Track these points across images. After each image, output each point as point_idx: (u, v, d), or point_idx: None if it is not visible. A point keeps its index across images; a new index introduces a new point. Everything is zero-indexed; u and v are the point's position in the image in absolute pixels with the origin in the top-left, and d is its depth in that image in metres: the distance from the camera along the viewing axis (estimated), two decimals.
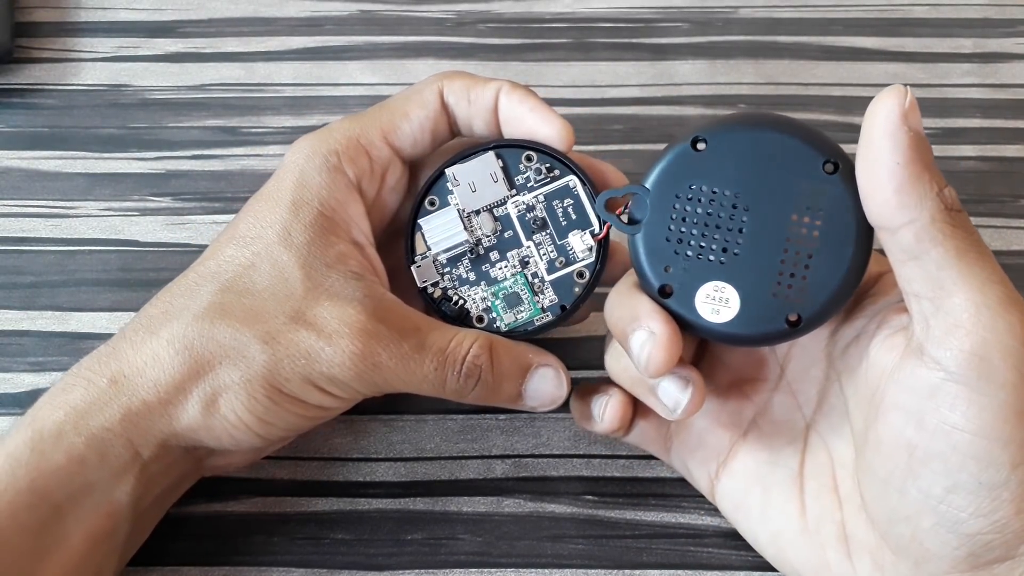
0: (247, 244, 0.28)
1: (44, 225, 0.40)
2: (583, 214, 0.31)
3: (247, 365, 0.27)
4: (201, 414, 0.27)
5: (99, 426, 0.27)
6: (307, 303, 0.27)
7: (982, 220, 0.40)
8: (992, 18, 0.46)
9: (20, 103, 0.43)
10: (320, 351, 0.27)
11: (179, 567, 0.32)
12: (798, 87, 0.44)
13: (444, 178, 0.31)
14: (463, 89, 0.31)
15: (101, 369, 0.28)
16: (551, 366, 0.30)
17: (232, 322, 0.27)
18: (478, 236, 0.31)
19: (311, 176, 0.29)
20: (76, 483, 0.27)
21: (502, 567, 0.32)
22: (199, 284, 0.28)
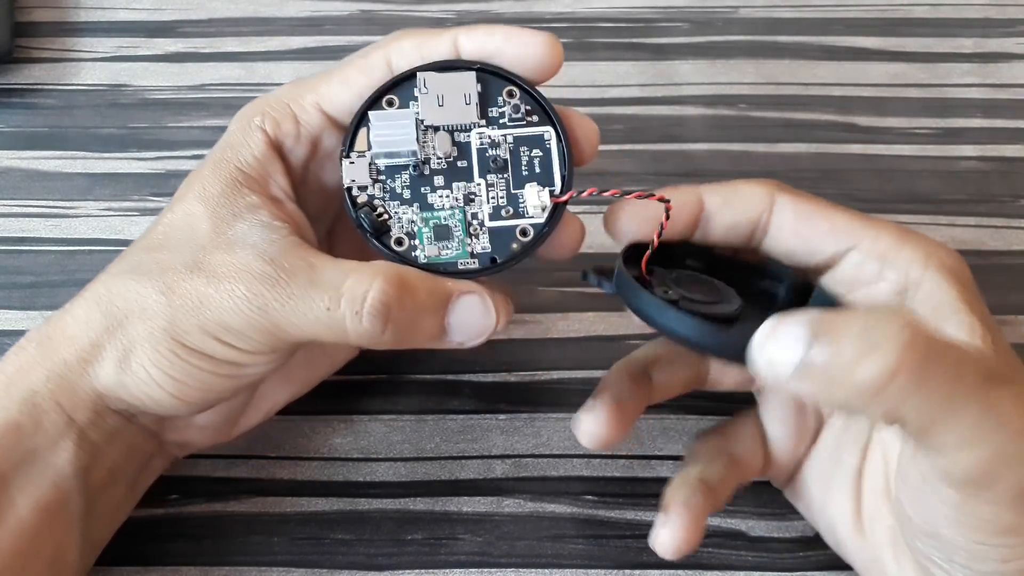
0: (172, 205, 0.29)
1: (44, 225, 0.40)
2: (548, 171, 0.28)
3: (148, 318, 0.26)
4: (115, 371, 0.27)
5: (27, 388, 0.27)
6: (206, 252, 0.27)
7: (982, 220, 0.40)
8: (992, 18, 0.46)
9: (20, 103, 0.43)
10: (209, 298, 0.26)
11: (179, 567, 0.32)
12: (798, 87, 0.44)
13: (413, 81, 0.28)
14: (414, 49, 0.28)
15: (32, 335, 0.28)
16: (475, 292, 0.27)
17: (138, 276, 0.27)
18: (428, 154, 0.28)
19: (235, 135, 0.29)
20: (17, 451, 0.26)
21: (502, 567, 0.32)
22: (129, 250, 0.29)
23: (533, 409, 0.35)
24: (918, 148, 0.42)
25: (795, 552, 0.32)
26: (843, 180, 0.41)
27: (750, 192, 0.28)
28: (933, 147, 0.42)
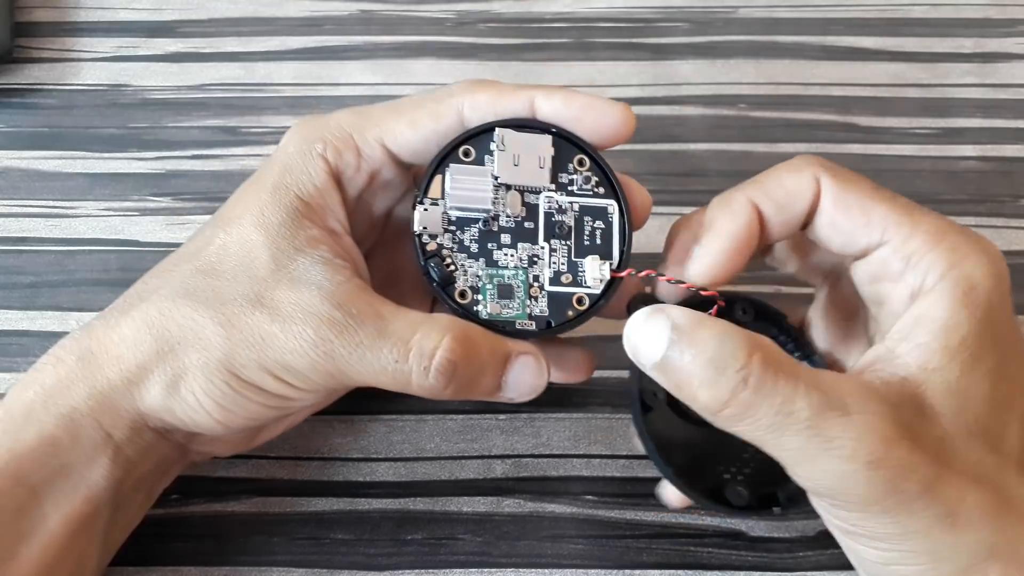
0: (223, 225, 0.28)
1: (44, 225, 0.40)
2: (608, 243, 0.29)
3: (204, 348, 0.26)
4: (163, 395, 0.27)
5: (67, 405, 0.27)
6: (268, 285, 0.26)
7: (982, 220, 0.40)
8: (992, 18, 0.46)
9: (20, 103, 0.43)
10: (273, 337, 0.26)
11: (179, 567, 0.32)
12: (798, 87, 0.44)
13: (490, 135, 0.29)
14: (488, 104, 0.28)
15: (71, 347, 0.27)
16: (531, 354, 0.27)
17: (194, 304, 0.27)
18: (498, 211, 0.29)
19: (296, 161, 0.28)
20: (51, 465, 0.26)
21: (502, 567, 0.32)
22: (175, 265, 0.28)
23: (533, 409, 0.35)
24: (918, 148, 0.42)
25: (795, 552, 0.32)
26: None
27: (797, 185, 0.27)
28: (933, 147, 0.42)
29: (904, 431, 0.23)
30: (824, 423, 0.23)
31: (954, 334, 0.24)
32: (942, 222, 0.26)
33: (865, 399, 0.23)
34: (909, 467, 0.23)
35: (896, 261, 0.25)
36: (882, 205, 0.26)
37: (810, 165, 0.27)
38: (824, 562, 0.32)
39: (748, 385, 0.23)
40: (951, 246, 0.25)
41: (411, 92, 0.43)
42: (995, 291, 0.25)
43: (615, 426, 0.35)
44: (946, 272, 0.25)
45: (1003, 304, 0.25)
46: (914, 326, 0.25)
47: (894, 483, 0.23)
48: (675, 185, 0.41)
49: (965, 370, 0.24)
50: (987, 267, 0.25)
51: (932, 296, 0.25)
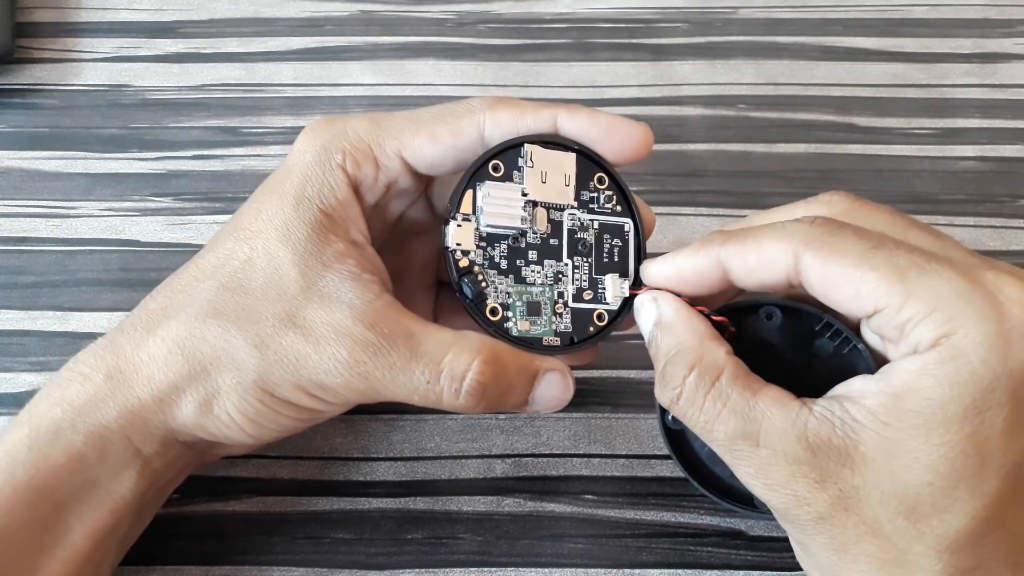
0: (247, 239, 0.28)
1: (45, 225, 0.40)
2: (624, 260, 0.30)
3: (237, 368, 0.27)
4: (196, 414, 0.27)
5: (96, 423, 0.27)
6: (299, 304, 0.27)
7: (982, 220, 0.40)
8: (992, 18, 0.46)
9: (21, 103, 0.43)
10: (307, 357, 0.26)
11: (179, 567, 0.32)
12: (798, 87, 0.44)
13: (520, 151, 0.29)
14: (510, 122, 0.28)
15: (98, 364, 0.27)
16: (558, 370, 0.28)
17: (225, 323, 0.27)
18: (527, 228, 0.29)
19: (315, 172, 0.28)
20: (77, 480, 0.27)
21: (502, 566, 0.32)
22: (198, 280, 0.28)
23: None
24: (917, 148, 0.42)
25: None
26: (842, 180, 0.41)
27: (771, 254, 0.26)
28: (932, 147, 0.42)
29: (809, 472, 0.24)
30: (735, 447, 0.25)
31: (911, 397, 0.23)
32: (944, 284, 0.23)
33: (779, 436, 0.24)
34: (803, 499, 0.24)
35: (891, 330, 0.24)
36: (871, 274, 0.24)
37: (792, 238, 0.25)
38: None
39: (681, 400, 0.26)
40: (948, 314, 0.23)
41: (411, 93, 0.44)
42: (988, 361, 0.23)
43: (615, 426, 0.35)
44: (935, 341, 0.23)
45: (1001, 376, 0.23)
46: (886, 377, 0.24)
47: (787, 507, 0.25)
48: (674, 185, 0.41)
49: (911, 436, 0.23)
50: (985, 334, 0.23)
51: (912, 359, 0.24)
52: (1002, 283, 0.23)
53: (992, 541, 0.23)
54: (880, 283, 0.24)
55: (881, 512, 0.23)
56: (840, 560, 0.24)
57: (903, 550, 0.23)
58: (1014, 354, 0.23)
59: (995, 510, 0.23)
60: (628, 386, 0.36)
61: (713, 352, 0.26)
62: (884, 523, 0.23)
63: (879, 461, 0.23)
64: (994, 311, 0.23)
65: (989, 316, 0.23)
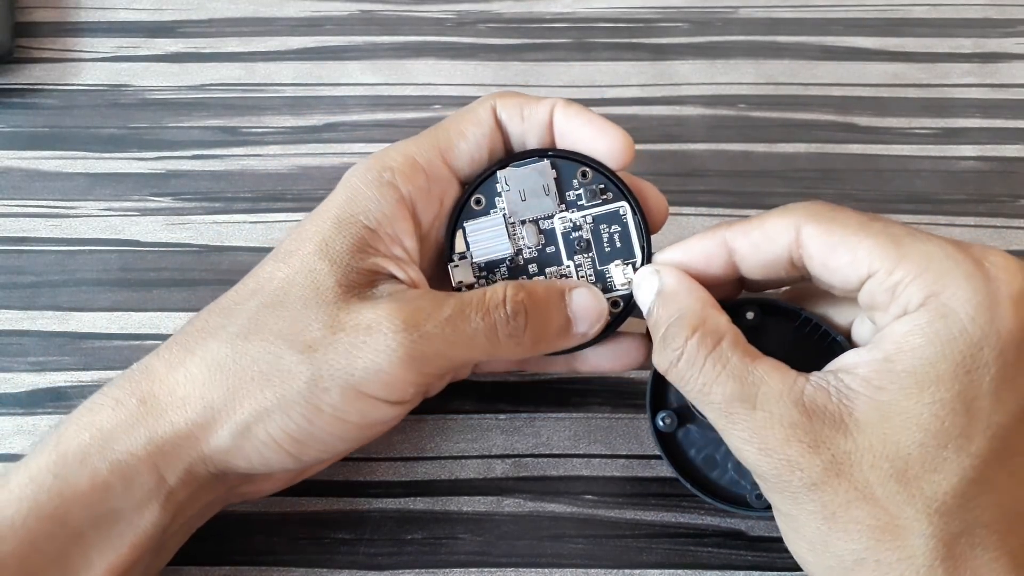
0: (285, 259, 0.28)
1: (44, 225, 0.40)
2: (628, 243, 0.30)
3: (283, 380, 0.26)
4: (233, 437, 0.26)
5: (124, 450, 0.26)
6: (340, 308, 0.27)
7: (982, 220, 0.40)
8: (992, 18, 0.46)
9: (20, 103, 0.43)
10: (361, 346, 0.26)
11: (179, 567, 0.32)
12: (798, 87, 0.44)
13: (494, 179, 0.30)
14: (516, 106, 0.30)
15: (132, 388, 0.27)
16: (583, 285, 0.30)
17: (268, 337, 0.26)
18: (520, 246, 0.30)
19: (362, 191, 0.28)
20: (100, 510, 0.26)
21: (502, 567, 0.32)
22: (237, 303, 0.28)
23: (533, 409, 0.35)
24: (917, 148, 0.42)
25: None
26: (843, 180, 0.41)
27: (775, 229, 0.27)
28: (933, 147, 0.42)
29: (803, 435, 0.24)
30: (731, 410, 0.25)
31: (903, 359, 0.24)
32: (934, 248, 0.25)
33: (776, 400, 0.25)
34: (797, 464, 0.24)
35: (882, 292, 0.25)
36: (868, 240, 0.25)
37: (793, 212, 0.27)
38: None
39: (680, 361, 0.26)
40: (937, 274, 0.24)
41: (411, 92, 0.44)
42: (976, 320, 0.23)
43: (615, 426, 0.35)
44: (924, 300, 0.24)
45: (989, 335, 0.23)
46: (877, 343, 0.25)
47: (780, 473, 0.25)
48: (674, 185, 0.41)
49: (903, 396, 0.24)
50: (973, 295, 0.24)
51: (901, 320, 0.24)
52: (988, 252, 0.25)
53: (979, 505, 0.24)
54: (875, 248, 0.25)
55: (872, 476, 0.24)
56: (829, 529, 0.24)
57: (893, 515, 0.24)
58: (1001, 314, 0.24)
59: (982, 471, 0.23)
60: (628, 386, 0.36)
61: (716, 318, 0.27)
62: (875, 487, 0.24)
63: (872, 425, 0.24)
64: (981, 273, 0.24)
65: (976, 276, 0.24)
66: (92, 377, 0.36)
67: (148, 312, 0.37)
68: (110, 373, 0.36)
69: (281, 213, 0.40)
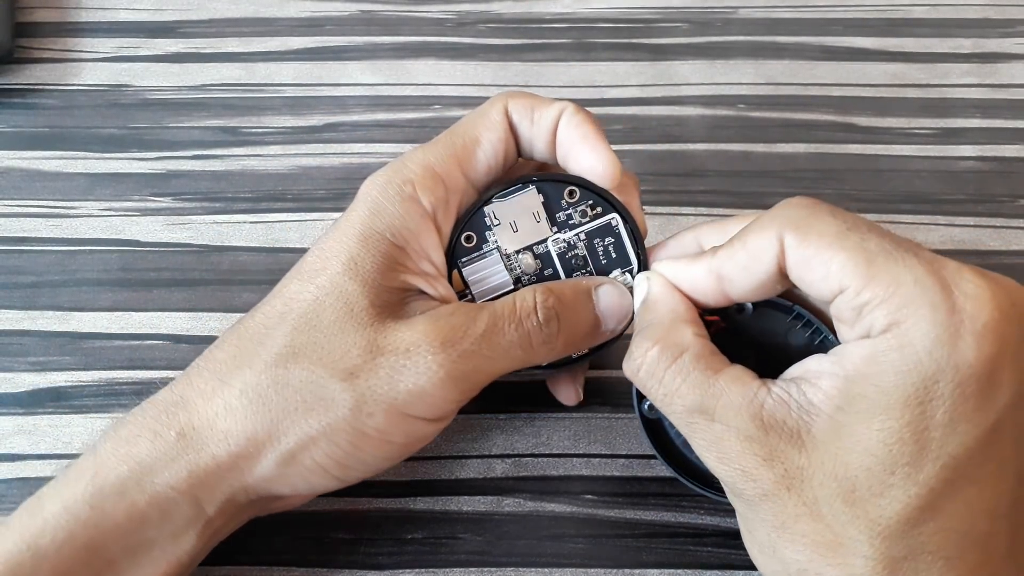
0: (312, 278, 0.28)
1: (45, 225, 0.40)
2: (623, 253, 0.30)
3: (327, 409, 0.26)
4: (278, 466, 0.26)
5: (164, 484, 0.26)
6: (377, 330, 0.27)
7: (981, 220, 0.40)
8: (991, 18, 0.46)
9: (21, 103, 0.43)
10: (402, 369, 0.26)
11: None
12: (798, 87, 0.44)
13: (482, 214, 0.30)
14: (527, 108, 0.30)
15: (169, 421, 0.27)
16: (608, 282, 0.30)
17: (307, 365, 0.26)
18: (518, 274, 0.30)
19: (384, 206, 0.28)
20: (134, 539, 0.26)
21: (502, 566, 0.32)
22: (268, 327, 0.27)
23: (533, 409, 0.35)
24: (917, 148, 0.42)
25: None
26: (842, 180, 0.41)
27: (758, 246, 0.26)
28: (932, 147, 0.42)
29: (758, 449, 0.25)
30: (691, 420, 0.26)
31: (860, 381, 0.24)
32: (903, 271, 0.24)
33: (734, 413, 0.25)
34: (750, 475, 0.25)
35: (848, 311, 0.25)
36: (841, 255, 0.24)
37: (775, 222, 0.26)
38: None
39: (640, 371, 0.27)
40: (901, 302, 0.23)
41: (411, 93, 0.44)
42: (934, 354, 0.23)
43: (615, 426, 0.35)
44: (886, 327, 0.24)
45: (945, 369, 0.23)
46: (839, 360, 0.25)
47: (735, 481, 0.25)
48: (674, 185, 0.41)
49: (857, 419, 0.24)
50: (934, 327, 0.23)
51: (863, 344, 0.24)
52: (959, 277, 0.23)
53: (926, 532, 0.23)
54: (847, 264, 0.24)
55: (820, 493, 0.24)
56: (779, 538, 0.25)
57: (838, 533, 0.24)
58: (961, 348, 0.23)
59: (929, 500, 0.23)
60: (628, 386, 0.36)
61: (680, 331, 0.27)
62: (822, 505, 0.24)
63: (826, 443, 0.24)
64: (946, 303, 0.23)
65: (941, 308, 0.23)
66: (92, 377, 0.36)
67: (148, 312, 0.37)
68: (111, 373, 0.36)
69: (281, 213, 0.40)
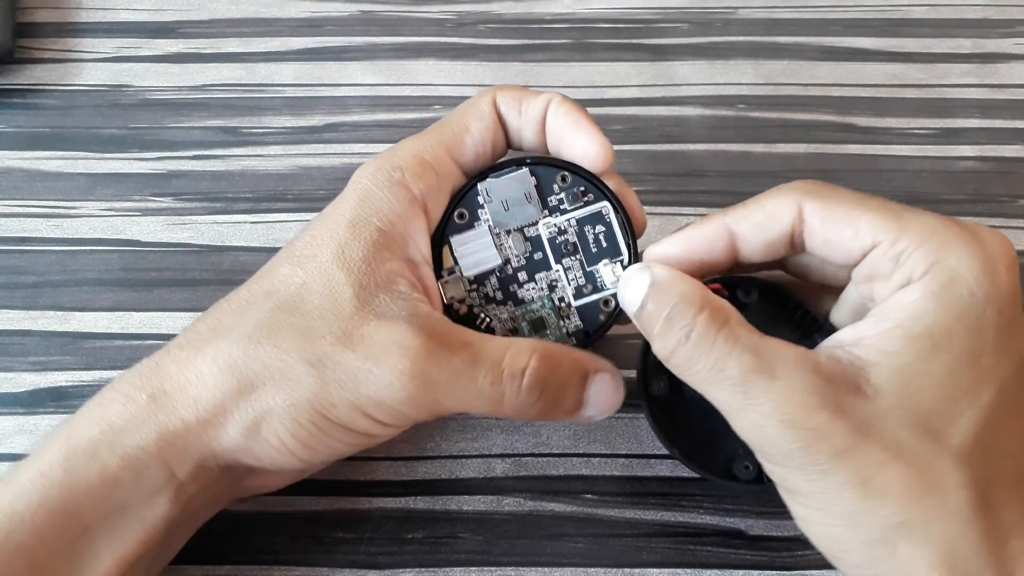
0: (302, 263, 0.28)
1: (46, 225, 0.40)
2: (613, 242, 0.30)
3: (292, 388, 0.26)
4: (243, 436, 0.26)
5: (134, 445, 0.26)
6: (355, 323, 0.27)
7: (982, 220, 0.40)
8: (991, 18, 0.46)
9: (21, 103, 0.43)
10: (367, 373, 0.26)
11: (179, 566, 0.32)
12: (797, 87, 0.44)
13: (475, 191, 0.30)
14: (515, 100, 0.30)
15: (142, 384, 0.27)
16: (608, 371, 0.29)
17: (279, 343, 0.26)
18: (507, 256, 0.30)
19: (373, 192, 0.28)
20: (108, 503, 0.26)
21: (502, 566, 0.32)
22: (250, 302, 0.28)
23: None
24: (917, 148, 0.42)
25: (794, 551, 0.32)
26: (842, 181, 0.41)
27: (776, 208, 0.27)
28: (932, 147, 0.42)
29: (827, 401, 0.24)
30: (750, 383, 0.25)
31: (917, 323, 0.25)
32: (933, 220, 0.26)
33: (795, 369, 0.25)
34: (824, 432, 0.24)
35: (885, 262, 0.26)
36: (869, 213, 0.26)
37: (793, 190, 0.27)
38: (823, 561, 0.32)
39: (689, 340, 0.26)
40: (939, 243, 0.25)
41: (411, 93, 0.44)
42: (982, 285, 0.25)
43: (615, 425, 0.35)
44: (930, 267, 0.25)
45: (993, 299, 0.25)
46: (883, 313, 0.25)
47: (808, 443, 0.24)
48: (674, 186, 0.41)
49: (920, 357, 0.24)
50: (974, 260, 0.25)
51: (909, 288, 0.25)
52: (977, 226, 0.26)
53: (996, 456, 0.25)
54: (877, 220, 0.26)
55: (900, 435, 0.24)
56: (864, 496, 0.24)
57: (926, 470, 0.24)
58: (998, 281, 0.25)
59: (992, 422, 0.25)
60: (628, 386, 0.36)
61: (717, 299, 0.27)
62: (906, 444, 0.24)
63: (891, 387, 0.24)
64: (977, 242, 0.25)
65: (975, 245, 0.25)
66: (93, 377, 0.36)
67: (149, 312, 0.37)
68: (111, 373, 0.36)
69: (282, 213, 0.40)
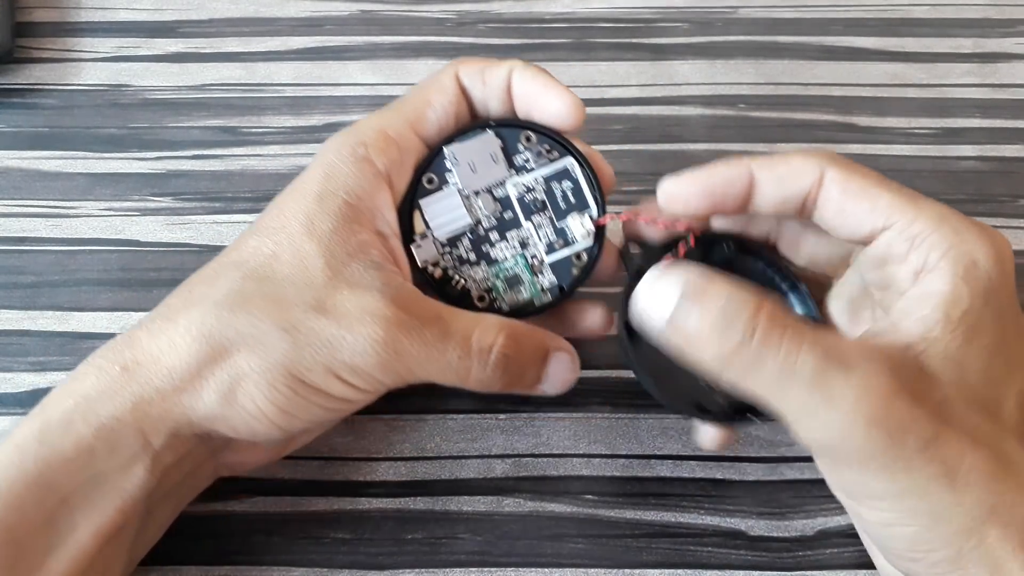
0: (270, 234, 0.28)
1: (45, 225, 0.40)
2: (581, 196, 0.31)
3: (266, 352, 0.26)
4: (218, 403, 0.26)
5: (108, 415, 0.26)
6: (327, 292, 0.27)
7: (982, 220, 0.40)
8: (992, 18, 0.46)
9: (20, 103, 0.43)
10: (341, 339, 0.26)
11: (179, 567, 0.32)
12: (798, 87, 0.44)
13: (442, 156, 0.31)
14: (477, 71, 0.31)
15: (115, 357, 0.27)
16: (566, 351, 0.30)
17: (252, 309, 0.27)
18: (478, 217, 0.31)
19: (338, 167, 0.29)
20: (85, 474, 0.26)
21: (502, 566, 0.32)
22: (220, 273, 0.28)
23: (533, 409, 0.35)
24: (917, 148, 0.42)
25: (794, 551, 0.32)
26: None
27: (801, 165, 0.27)
28: (932, 147, 0.42)
29: (905, 388, 0.23)
30: (827, 378, 0.23)
31: (955, 307, 0.25)
32: (945, 208, 0.27)
33: (867, 357, 0.24)
34: (909, 423, 0.23)
35: (901, 243, 0.26)
36: (887, 193, 0.27)
37: (819, 156, 0.28)
38: (824, 561, 0.32)
39: (755, 338, 0.24)
40: (954, 228, 0.26)
41: None
42: (996, 270, 0.25)
43: (615, 426, 0.35)
44: (948, 251, 0.25)
45: (1004, 284, 0.26)
46: (918, 300, 0.25)
47: (893, 438, 0.23)
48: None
49: (964, 341, 0.25)
50: (988, 248, 0.26)
51: (935, 273, 0.25)
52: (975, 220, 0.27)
53: None
54: (894, 201, 0.26)
55: (971, 417, 0.24)
56: (953, 487, 0.23)
57: (1000, 448, 0.24)
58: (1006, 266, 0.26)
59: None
60: (628, 386, 0.36)
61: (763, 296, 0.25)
62: (977, 427, 0.24)
63: (946, 373, 0.24)
64: (984, 231, 0.26)
65: (982, 235, 0.26)
66: None
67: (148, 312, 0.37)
68: None
69: None
